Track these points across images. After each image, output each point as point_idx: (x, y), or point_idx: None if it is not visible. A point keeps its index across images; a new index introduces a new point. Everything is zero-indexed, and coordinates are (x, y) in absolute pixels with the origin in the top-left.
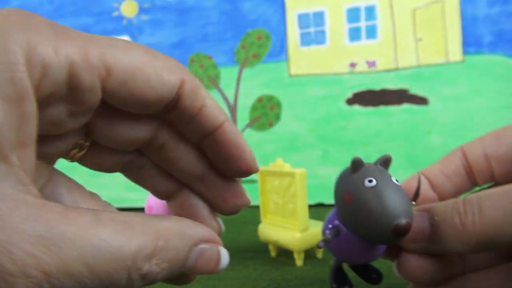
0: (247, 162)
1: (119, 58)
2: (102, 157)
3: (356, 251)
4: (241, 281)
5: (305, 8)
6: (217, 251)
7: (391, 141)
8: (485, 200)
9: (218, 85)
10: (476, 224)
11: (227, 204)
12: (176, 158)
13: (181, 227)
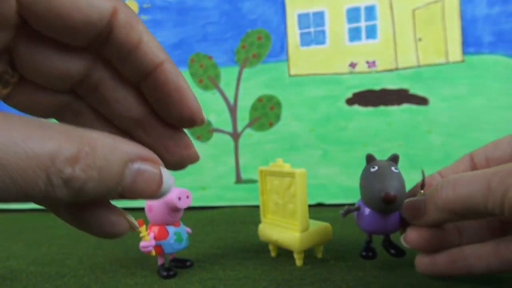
0: (190, 108)
1: None
2: (31, 96)
3: (372, 222)
4: (241, 281)
5: (305, 8)
6: (158, 171)
7: (391, 141)
8: (458, 181)
9: (218, 85)
10: (449, 197)
11: (171, 154)
12: (113, 100)
13: (114, 141)
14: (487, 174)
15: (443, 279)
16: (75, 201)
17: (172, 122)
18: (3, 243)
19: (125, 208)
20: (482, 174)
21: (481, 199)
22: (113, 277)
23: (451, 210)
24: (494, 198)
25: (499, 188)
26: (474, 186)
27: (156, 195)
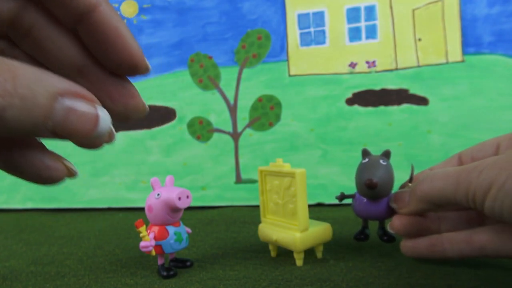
0: (129, 51)
1: None
2: None
3: (362, 208)
4: (241, 281)
5: (305, 8)
6: (94, 109)
7: (391, 141)
8: (435, 176)
9: (218, 85)
10: (426, 190)
11: (116, 104)
12: (49, 46)
13: (40, 73)
14: (458, 171)
15: (443, 279)
16: None
17: (114, 69)
18: (3, 243)
19: (125, 208)
20: (453, 170)
21: (451, 192)
22: (113, 277)
23: (429, 201)
24: (460, 191)
25: (464, 182)
26: (446, 180)
27: (91, 135)
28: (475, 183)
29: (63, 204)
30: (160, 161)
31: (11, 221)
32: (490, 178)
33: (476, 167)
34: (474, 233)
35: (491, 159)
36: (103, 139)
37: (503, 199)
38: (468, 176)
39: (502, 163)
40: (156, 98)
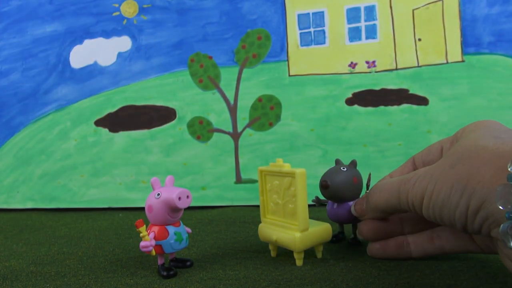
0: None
1: None
2: None
3: (332, 212)
4: (241, 281)
5: (305, 8)
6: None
7: (391, 141)
8: (382, 187)
9: (218, 85)
10: (376, 200)
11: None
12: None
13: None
14: (398, 181)
15: (443, 279)
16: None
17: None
18: (3, 243)
19: (125, 208)
20: (396, 181)
21: (396, 201)
22: (113, 277)
23: (380, 209)
24: (402, 201)
25: (403, 193)
26: (391, 191)
27: None
28: (411, 194)
29: (63, 204)
30: (160, 161)
31: (11, 221)
32: (422, 189)
33: (411, 178)
34: (433, 233)
35: (423, 170)
36: None
37: (433, 207)
38: (406, 187)
39: (431, 173)
40: (156, 98)
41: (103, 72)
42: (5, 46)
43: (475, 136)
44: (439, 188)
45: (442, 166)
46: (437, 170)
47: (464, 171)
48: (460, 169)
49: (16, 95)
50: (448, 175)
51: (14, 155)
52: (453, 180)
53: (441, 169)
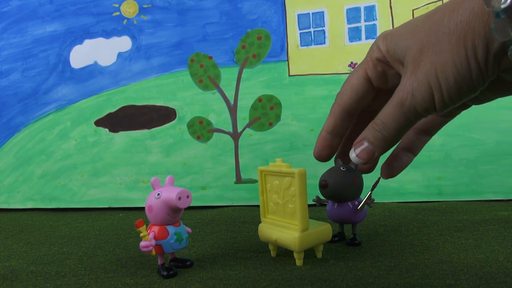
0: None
1: None
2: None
3: (332, 211)
4: (241, 281)
5: (305, 8)
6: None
7: None
8: (384, 121)
9: (218, 85)
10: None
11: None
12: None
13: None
14: (395, 107)
15: (443, 279)
16: None
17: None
18: (3, 243)
19: (125, 208)
20: (392, 108)
21: (404, 124)
22: (113, 277)
23: (393, 140)
24: (410, 119)
25: (409, 110)
26: (394, 120)
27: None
28: (418, 102)
29: (63, 204)
30: (160, 161)
31: (11, 221)
32: (425, 88)
33: (404, 93)
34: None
35: (406, 81)
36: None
37: (449, 93)
38: (408, 103)
39: (420, 74)
40: (156, 98)
41: (103, 72)
42: (5, 46)
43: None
44: (443, 72)
45: (422, 59)
46: (421, 63)
47: (451, 40)
48: (445, 41)
49: (16, 95)
50: (443, 53)
51: (14, 155)
52: (450, 55)
53: (424, 60)
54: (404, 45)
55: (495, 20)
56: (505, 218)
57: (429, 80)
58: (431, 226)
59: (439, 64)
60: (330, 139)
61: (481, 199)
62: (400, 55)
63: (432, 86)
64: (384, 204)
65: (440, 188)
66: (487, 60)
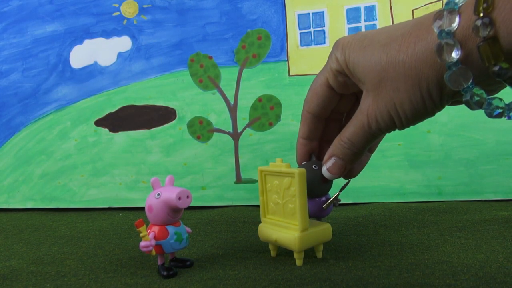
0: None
1: None
2: None
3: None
4: (241, 281)
5: (305, 8)
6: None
7: (391, 141)
8: (351, 138)
9: (218, 85)
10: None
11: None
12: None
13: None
14: (358, 128)
15: (443, 279)
16: None
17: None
18: (3, 243)
19: (125, 208)
20: (354, 128)
21: (368, 142)
22: (113, 277)
23: (360, 154)
24: (374, 139)
25: (372, 130)
26: (359, 136)
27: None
28: (381, 126)
29: (63, 204)
30: (160, 161)
31: (11, 221)
32: (387, 115)
33: (367, 118)
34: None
35: (367, 103)
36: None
37: (406, 119)
38: (371, 125)
39: (377, 103)
40: (156, 98)
41: (103, 72)
42: (5, 46)
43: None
44: (401, 107)
45: (381, 91)
46: (381, 95)
47: (405, 73)
48: (400, 73)
49: (16, 95)
50: (401, 92)
51: (14, 155)
52: (407, 95)
53: (384, 93)
54: (362, 70)
55: (447, 72)
56: (505, 218)
57: (389, 111)
58: (431, 226)
59: (397, 100)
60: (307, 144)
61: (481, 199)
62: (359, 76)
63: (393, 115)
64: (384, 204)
65: (440, 188)
66: (441, 99)
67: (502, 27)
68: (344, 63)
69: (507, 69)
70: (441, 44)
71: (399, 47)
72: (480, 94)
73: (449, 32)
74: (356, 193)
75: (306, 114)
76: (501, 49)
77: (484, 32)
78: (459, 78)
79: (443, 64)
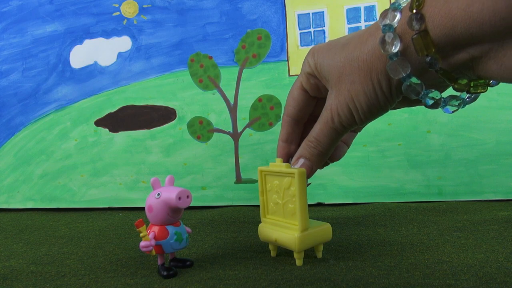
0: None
1: None
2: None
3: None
4: (241, 281)
5: (305, 8)
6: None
7: (391, 141)
8: (317, 139)
9: (218, 85)
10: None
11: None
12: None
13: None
14: (322, 126)
15: (443, 279)
16: None
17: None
18: (3, 243)
19: (125, 208)
20: (320, 127)
21: (335, 140)
22: (113, 277)
23: (326, 154)
24: (340, 136)
25: (336, 126)
26: (326, 135)
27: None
28: (343, 120)
29: (63, 204)
30: (160, 161)
31: (11, 221)
32: (347, 110)
33: (330, 113)
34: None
35: (330, 104)
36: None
37: (364, 114)
38: (334, 119)
39: (338, 96)
40: (156, 98)
41: (103, 72)
42: (5, 46)
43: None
44: (357, 99)
45: (341, 86)
46: (341, 89)
47: (359, 67)
48: (355, 72)
49: (16, 95)
50: (356, 84)
51: (14, 155)
52: (361, 87)
53: (343, 86)
54: (327, 69)
55: (389, 62)
56: (505, 218)
57: (348, 104)
58: (431, 226)
59: (354, 92)
60: (287, 147)
61: (481, 199)
62: (325, 75)
63: (351, 108)
64: (384, 204)
65: (440, 188)
66: (391, 90)
67: (430, 21)
68: (314, 66)
69: (437, 59)
70: (384, 38)
71: (355, 45)
72: (416, 84)
73: (391, 27)
74: (356, 193)
75: (285, 118)
76: (432, 41)
77: (416, 26)
78: (398, 68)
79: (387, 55)
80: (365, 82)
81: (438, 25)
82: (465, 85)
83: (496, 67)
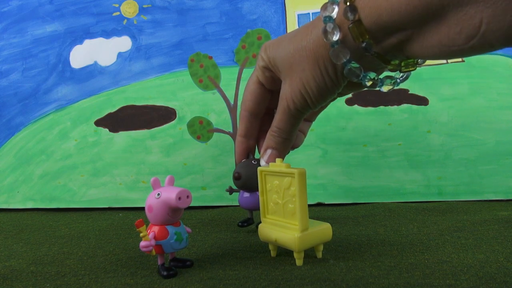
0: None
1: None
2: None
3: (243, 200)
4: (241, 281)
5: (305, 8)
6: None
7: (391, 141)
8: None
9: (218, 85)
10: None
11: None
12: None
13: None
14: (282, 112)
15: (443, 279)
16: None
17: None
18: (3, 243)
19: (125, 208)
20: (280, 112)
21: (295, 122)
22: (113, 277)
23: (290, 139)
24: (298, 119)
25: (292, 110)
26: (286, 122)
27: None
28: (297, 105)
29: (63, 204)
30: (160, 161)
31: (11, 221)
32: (300, 94)
33: (287, 97)
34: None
35: (285, 90)
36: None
37: (315, 98)
38: (292, 101)
39: (291, 85)
40: (156, 98)
41: (103, 72)
42: (5, 46)
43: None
44: (308, 85)
45: (293, 74)
46: (293, 77)
47: (306, 54)
48: (301, 61)
49: (16, 95)
50: (306, 71)
51: (14, 155)
52: (310, 73)
53: (295, 75)
54: (279, 60)
55: (331, 49)
56: (505, 218)
57: (301, 90)
58: (431, 226)
59: (305, 79)
60: (245, 142)
61: (481, 199)
62: (278, 66)
63: (303, 93)
64: (384, 204)
65: (440, 188)
66: (337, 75)
67: (362, 12)
68: (268, 60)
69: (371, 44)
70: (325, 28)
71: (302, 36)
72: (356, 67)
73: (331, 18)
74: (356, 193)
75: (243, 113)
76: (365, 29)
77: (350, 16)
78: (340, 54)
79: (329, 43)
80: (314, 68)
81: (368, 15)
82: (397, 65)
83: (419, 48)
